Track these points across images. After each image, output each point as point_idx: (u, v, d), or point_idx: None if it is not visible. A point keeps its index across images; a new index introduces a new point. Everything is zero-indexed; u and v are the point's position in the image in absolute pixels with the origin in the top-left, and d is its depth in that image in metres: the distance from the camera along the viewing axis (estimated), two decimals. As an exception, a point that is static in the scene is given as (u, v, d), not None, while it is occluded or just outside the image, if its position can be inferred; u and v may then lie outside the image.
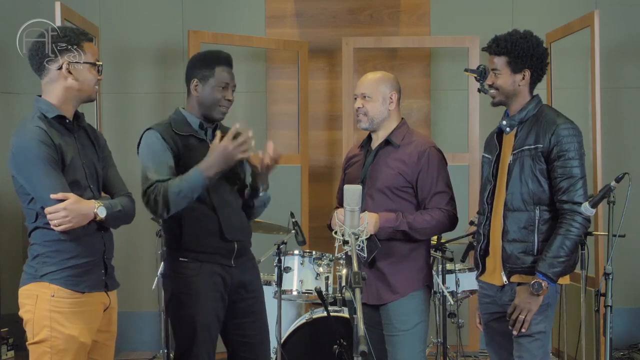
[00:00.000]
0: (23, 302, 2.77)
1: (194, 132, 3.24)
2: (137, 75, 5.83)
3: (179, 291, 3.18)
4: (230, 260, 3.21)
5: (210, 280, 3.17)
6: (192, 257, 3.17)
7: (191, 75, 3.26)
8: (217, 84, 3.22)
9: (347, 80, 5.38)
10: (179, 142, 3.18)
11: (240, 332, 3.27)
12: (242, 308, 3.26)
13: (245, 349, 3.29)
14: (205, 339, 3.16)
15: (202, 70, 3.24)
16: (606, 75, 5.35)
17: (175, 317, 3.22)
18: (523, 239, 3.00)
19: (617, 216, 2.94)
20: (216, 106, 3.24)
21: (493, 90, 3.10)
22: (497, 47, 3.05)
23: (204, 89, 3.23)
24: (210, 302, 3.16)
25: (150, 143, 3.15)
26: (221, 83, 3.23)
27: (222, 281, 3.19)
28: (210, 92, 3.23)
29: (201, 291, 3.15)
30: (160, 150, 3.13)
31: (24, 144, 2.69)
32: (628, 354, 5.52)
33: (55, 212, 2.65)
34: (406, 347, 3.25)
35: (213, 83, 3.22)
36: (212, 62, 3.24)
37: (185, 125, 3.24)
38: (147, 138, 3.18)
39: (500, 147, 3.14)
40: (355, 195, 2.79)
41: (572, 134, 2.96)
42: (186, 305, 3.15)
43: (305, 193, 5.61)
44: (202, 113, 3.26)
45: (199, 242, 3.17)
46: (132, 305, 5.46)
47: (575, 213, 2.91)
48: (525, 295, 2.93)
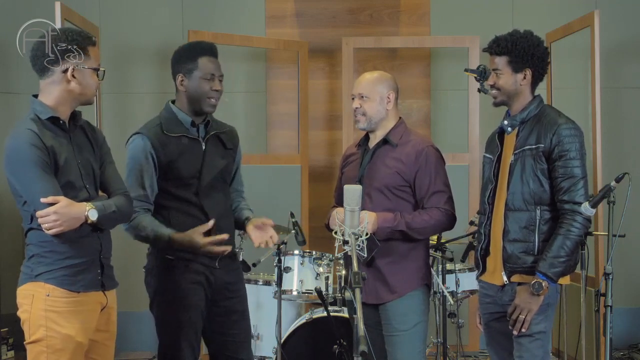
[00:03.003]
0: (20, 302, 2.77)
1: (186, 131, 3.21)
2: (137, 75, 5.84)
3: (164, 288, 3.17)
4: (214, 261, 3.20)
5: (196, 279, 3.16)
6: (178, 256, 3.15)
7: (176, 71, 3.22)
8: (202, 76, 3.17)
9: (347, 80, 5.38)
10: (171, 146, 3.15)
11: (224, 331, 3.27)
12: (225, 307, 3.26)
13: (229, 348, 3.28)
14: (190, 337, 3.16)
15: (185, 64, 3.19)
16: (606, 75, 5.35)
17: (160, 315, 3.21)
18: (524, 238, 3.00)
19: (617, 216, 2.94)
20: (205, 98, 3.18)
21: (495, 91, 3.10)
22: (498, 47, 3.05)
23: (190, 83, 3.18)
24: (195, 301, 3.16)
25: (133, 155, 3.14)
26: (206, 74, 3.17)
27: (206, 281, 3.19)
28: (197, 85, 3.17)
29: (186, 289, 3.14)
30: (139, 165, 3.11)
31: (15, 146, 2.69)
32: (628, 354, 5.52)
33: (45, 215, 2.64)
34: (405, 347, 3.25)
35: (198, 75, 3.17)
36: (195, 54, 3.19)
37: (177, 124, 3.20)
38: (133, 148, 3.15)
39: (502, 147, 3.14)
40: (355, 195, 2.79)
41: (574, 134, 2.96)
42: (171, 303, 3.14)
43: (305, 193, 5.61)
44: (192, 107, 3.21)
45: None
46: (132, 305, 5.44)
47: (576, 213, 2.91)
48: (526, 295, 2.93)
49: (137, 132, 3.19)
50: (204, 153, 3.23)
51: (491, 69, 3.10)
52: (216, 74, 3.21)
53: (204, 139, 3.24)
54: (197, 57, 3.18)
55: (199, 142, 3.22)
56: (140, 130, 3.20)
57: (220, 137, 3.31)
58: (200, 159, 3.21)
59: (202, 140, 3.23)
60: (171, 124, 3.20)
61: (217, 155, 3.28)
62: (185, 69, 3.18)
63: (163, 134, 3.16)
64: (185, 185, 3.17)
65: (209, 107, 3.22)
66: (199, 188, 3.16)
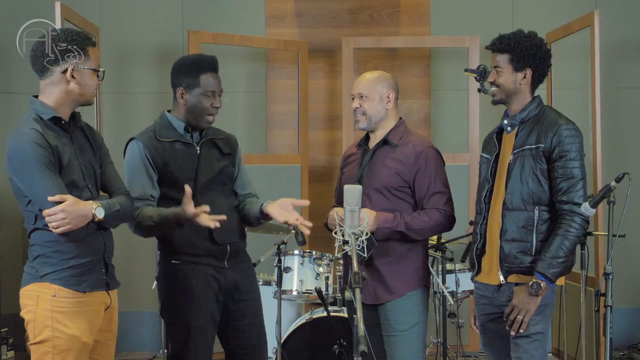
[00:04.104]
0: (24, 303, 2.76)
1: (179, 136, 3.22)
2: (137, 75, 5.84)
3: (173, 294, 3.17)
4: (223, 262, 3.20)
5: (204, 282, 3.16)
6: (184, 260, 3.15)
7: (176, 83, 3.23)
8: (203, 93, 3.19)
9: (347, 80, 5.38)
10: (164, 150, 3.17)
11: (238, 335, 3.26)
12: (237, 310, 3.25)
13: (244, 352, 3.28)
14: (200, 341, 3.15)
15: (187, 78, 3.20)
16: (606, 75, 5.35)
17: (170, 320, 3.21)
18: (521, 238, 2.99)
19: (617, 216, 2.94)
20: (204, 115, 3.21)
21: (494, 88, 3.10)
22: (501, 44, 3.06)
23: (190, 98, 3.20)
24: (205, 305, 3.15)
25: (130, 159, 3.17)
26: (207, 92, 3.19)
27: (216, 283, 3.18)
28: (197, 100, 3.19)
29: (195, 293, 3.14)
30: (138, 167, 3.13)
31: (19, 146, 2.68)
32: (628, 354, 5.52)
33: (53, 214, 2.64)
34: (405, 347, 3.25)
35: (199, 92, 3.19)
36: (197, 70, 3.20)
37: (170, 130, 3.21)
38: (130, 152, 3.19)
39: (500, 147, 3.14)
40: (355, 195, 2.79)
41: (574, 134, 2.96)
42: (180, 308, 3.14)
43: (305, 193, 5.61)
44: (189, 120, 3.23)
45: (191, 245, 3.15)
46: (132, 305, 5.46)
47: (575, 214, 2.90)
48: (524, 295, 2.92)
49: (131, 139, 3.22)
50: (199, 156, 3.23)
51: (492, 66, 3.10)
52: (217, 91, 3.23)
53: (198, 143, 3.25)
54: (199, 73, 3.19)
55: (193, 147, 3.23)
56: (134, 136, 3.23)
57: (216, 142, 3.32)
58: (195, 161, 3.22)
59: (196, 145, 3.24)
60: (164, 130, 3.22)
61: (213, 158, 3.28)
62: (186, 83, 3.20)
63: (156, 139, 3.18)
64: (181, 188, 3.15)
65: (205, 124, 3.24)
66: (195, 190, 3.15)
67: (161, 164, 3.16)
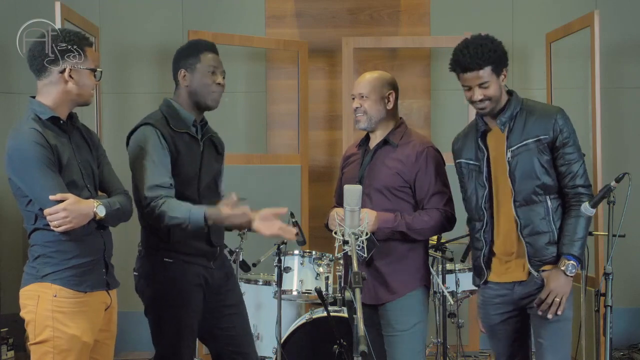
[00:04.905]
0: (24, 303, 2.76)
1: (188, 129, 3.17)
2: (137, 75, 5.84)
3: (165, 292, 3.13)
4: (211, 262, 3.21)
5: (196, 282, 3.15)
6: (177, 258, 3.12)
7: (178, 67, 3.21)
8: (205, 69, 3.17)
9: (347, 80, 5.38)
10: (176, 140, 3.11)
11: (222, 326, 3.25)
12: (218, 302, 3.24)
13: (231, 343, 3.27)
14: (190, 341, 3.17)
15: (187, 59, 3.18)
16: (606, 75, 5.35)
17: (160, 318, 3.17)
18: (545, 229, 3.03)
19: (617, 216, 2.95)
20: (209, 92, 3.17)
21: (487, 102, 3.04)
22: (480, 59, 2.99)
23: (193, 78, 3.17)
24: (196, 304, 3.16)
25: (146, 143, 3.04)
26: (209, 68, 3.17)
27: (205, 282, 3.18)
28: (200, 78, 3.17)
29: (187, 292, 3.13)
30: (161, 151, 3.05)
31: (19, 146, 2.68)
32: (628, 354, 5.52)
33: (55, 213, 2.64)
34: (405, 347, 3.25)
35: (201, 69, 3.17)
36: (197, 50, 3.20)
37: (180, 120, 3.16)
38: (150, 137, 3.05)
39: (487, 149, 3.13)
40: (355, 195, 2.79)
41: (567, 119, 3.05)
42: (172, 306, 3.12)
43: (305, 193, 5.61)
44: (195, 102, 3.18)
45: (187, 245, 3.13)
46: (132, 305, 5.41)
47: (581, 194, 3.00)
48: (561, 278, 2.96)
49: (144, 123, 3.10)
50: (202, 154, 3.22)
51: (476, 85, 3.02)
52: (219, 69, 3.21)
53: (201, 139, 3.24)
54: (199, 52, 3.19)
55: (198, 142, 3.21)
56: (147, 121, 3.11)
57: (214, 140, 3.32)
58: (199, 159, 3.20)
59: (200, 141, 3.23)
60: (175, 120, 3.16)
61: (212, 158, 3.27)
62: (188, 64, 3.18)
63: (169, 127, 3.12)
64: (187, 184, 3.14)
65: (212, 102, 3.20)
66: (198, 188, 3.16)
67: (175, 153, 3.10)
